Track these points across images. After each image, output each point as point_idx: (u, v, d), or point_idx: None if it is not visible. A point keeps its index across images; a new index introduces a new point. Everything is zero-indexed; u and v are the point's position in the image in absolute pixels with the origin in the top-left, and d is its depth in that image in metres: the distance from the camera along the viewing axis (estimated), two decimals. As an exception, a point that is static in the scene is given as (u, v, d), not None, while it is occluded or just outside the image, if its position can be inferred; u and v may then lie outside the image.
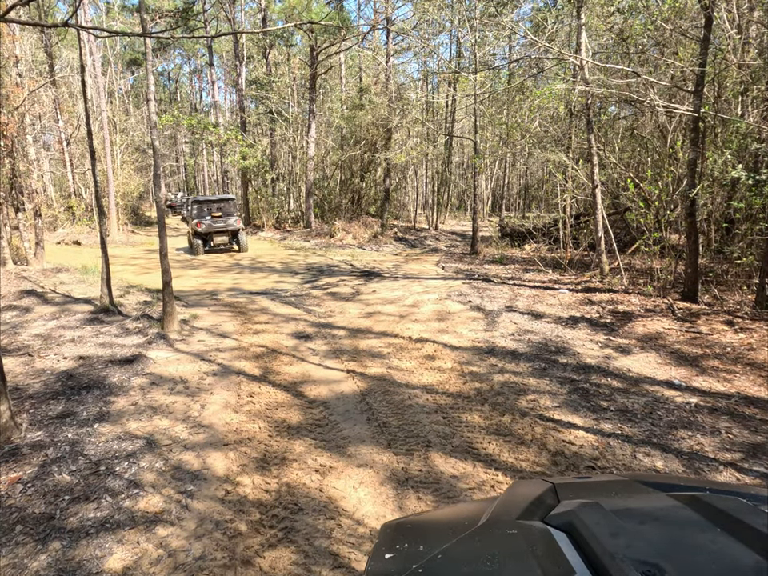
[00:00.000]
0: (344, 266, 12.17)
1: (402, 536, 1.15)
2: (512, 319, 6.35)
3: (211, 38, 23.41)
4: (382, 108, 17.64)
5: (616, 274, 8.31)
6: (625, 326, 5.97)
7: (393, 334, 6.04)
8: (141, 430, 3.54)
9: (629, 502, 1.10)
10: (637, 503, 1.10)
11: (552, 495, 1.17)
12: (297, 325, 6.63)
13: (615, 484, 1.30)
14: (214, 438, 3.48)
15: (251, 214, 22.09)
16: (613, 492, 1.20)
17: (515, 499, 1.23)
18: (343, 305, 7.75)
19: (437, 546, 1.03)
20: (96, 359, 4.98)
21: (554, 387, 4.23)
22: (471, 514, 1.22)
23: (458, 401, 4.04)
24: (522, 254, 13.04)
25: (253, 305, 7.89)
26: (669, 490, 1.15)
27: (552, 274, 9.51)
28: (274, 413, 3.89)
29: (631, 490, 1.20)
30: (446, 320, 6.52)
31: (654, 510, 1.04)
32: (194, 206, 14.41)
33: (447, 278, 9.69)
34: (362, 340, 5.83)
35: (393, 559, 1.04)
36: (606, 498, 1.16)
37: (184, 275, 11.01)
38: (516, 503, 1.18)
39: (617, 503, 1.09)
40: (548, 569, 0.86)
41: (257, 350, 5.50)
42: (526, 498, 1.20)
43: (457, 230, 22.33)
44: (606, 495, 1.19)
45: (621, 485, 1.27)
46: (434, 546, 1.05)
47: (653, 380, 4.34)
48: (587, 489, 1.29)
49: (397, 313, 7.05)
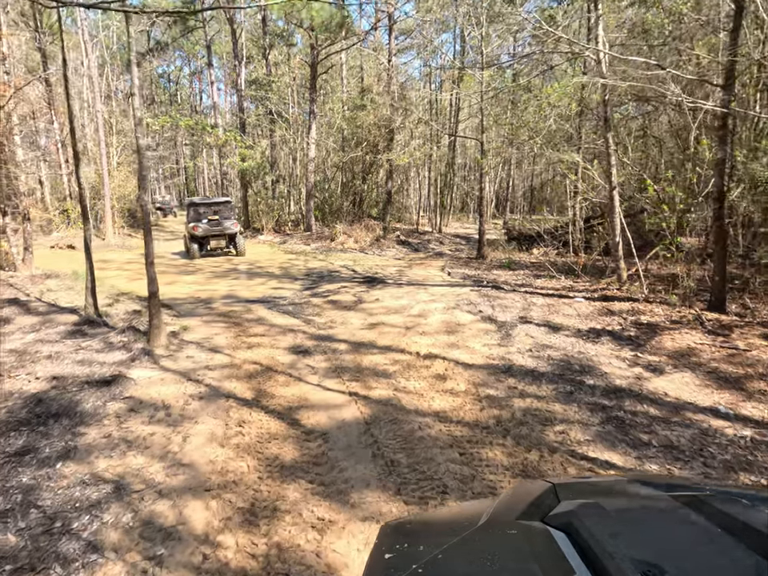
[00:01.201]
0: (345, 271, 11.69)
1: (401, 536, 1.13)
2: (528, 332, 5.85)
3: (204, 23, 23.01)
4: (384, 108, 17.18)
5: (634, 281, 7.81)
6: (652, 339, 5.47)
7: (399, 348, 5.55)
8: (110, 471, 3.05)
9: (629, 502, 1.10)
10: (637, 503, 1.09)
11: (552, 495, 1.15)
12: (295, 337, 6.15)
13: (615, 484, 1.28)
14: (195, 480, 2.99)
15: (251, 216, 21.63)
16: (613, 492, 1.19)
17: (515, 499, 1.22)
18: (345, 314, 7.26)
19: (437, 546, 1.02)
20: (71, 380, 4.49)
21: (585, 415, 3.73)
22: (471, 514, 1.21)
23: (475, 432, 3.54)
24: (530, 258, 12.55)
25: (248, 314, 7.41)
26: (669, 490, 1.13)
27: (565, 281, 9.01)
28: (266, 447, 3.40)
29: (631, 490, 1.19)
30: (455, 332, 6.03)
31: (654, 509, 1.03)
32: (190, 208, 13.96)
33: (454, 285, 9.19)
34: (365, 356, 5.34)
35: (393, 559, 1.02)
36: (606, 498, 1.14)
37: (178, 281, 10.54)
38: (516, 503, 1.18)
39: (617, 503, 1.08)
40: (548, 569, 0.85)
41: (250, 367, 5.01)
42: (525, 498, 1.19)
43: (460, 233, 21.85)
44: (606, 495, 1.17)
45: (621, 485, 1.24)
46: (433, 546, 1.03)
47: (695, 406, 3.84)
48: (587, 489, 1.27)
49: (402, 324, 6.56)
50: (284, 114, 20.81)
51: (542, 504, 1.12)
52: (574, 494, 1.15)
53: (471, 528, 1.08)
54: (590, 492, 1.21)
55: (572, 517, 0.98)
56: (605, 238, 9.13)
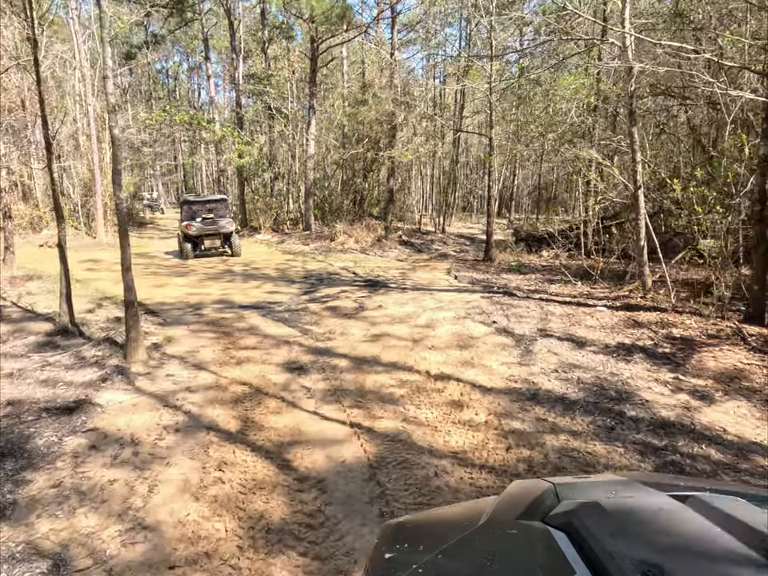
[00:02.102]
0: (345, 273, 11.07)
1: (402, 536, 1.13)
2: (550, 347, 5.24)
3: (201, 15, 22.30)
4: (386, 103, 16.53)
5: (659, 288, 7.20)
6: (691, 358, 4.86)
7: (406, 366, 4.93)
8: (52, 538, 2.43)
9: (629, 501, 1.08)
10: (637, 503, 1.07)
11: (552, 495, 1.13)
12: (290, 351, 5.54)
13: (615, 484, 1.25)
14: (158, 551, 2.38)
15: (248, 215, 21.00)
16: (613, 492, 1.15)
17: (515, 499, 1.22)
18: (345, 323, 6.65)
19: (437, 546, 1.01)
20: (29, 405, 3.88)
21: (633, 459, 3.11)
22: (471, 514, 1.20)
23: (504, 481, 2.93)
24: (539, 260, 11.94)
25: (240, 322, 6.80)
26: (669, 490, 1.12)
27: (581, 287, 8.40)
28: (250, 500, 2.79)
29: (631, 490, 1.16)
30: (469, 347, 5.41)
31: (654, 509, 1.02)
32: (183, 206, 13.37)
33: (462, 291, 8.57)
34: (368, 374, 4.72)
35: (393, 559, 1.01)
36: (606, 497, 1.10)
37: (169, 284, 9.92)
38: (516, 503, 1.17)
39: (617, 503, 1.06)
40: (548, 569, 0.86)
41: (237, 389, 4.40)
42: (525, 497, 1.18)
43: (464, 233, 21.22)
44: (606, 495, 1.13)
45: (621, 485, 1.22)
46: (434, 546, 1.03)
47: (763, 448, 3.22)
48: (587, 489, 1.24)
49: (409, 336, 5.95)
50: (283, 109, 20.15)
51: (542, 504, 1.10)
52: (574, 493, 1.13)
53: (471, 528, 1.07)
54: (590, 492, 1.19)
55: (572, 517, 0.98)
56: (623, 240, 8.52)
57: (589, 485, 1.32)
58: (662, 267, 6.88)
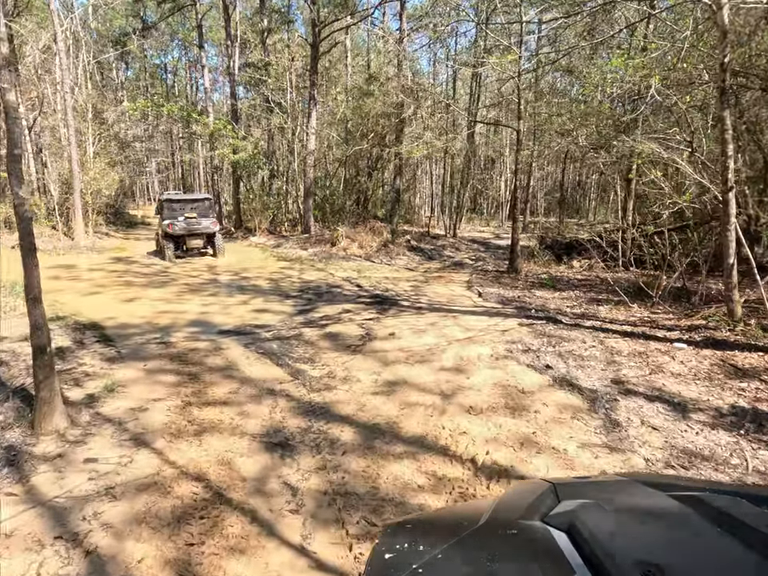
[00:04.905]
0: (348, 286, 9.54)
1: (402, 536, 1.09)
2: (642, 415, 3.68)
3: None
4: (393, 95, 14.99)
5: (750, 318, 5.65)
6: None
7: (438, 445, 3.39)
8: None
9: (629, 501, 1.07)
10: (637, 503, 1.06)
11: (552, 495, 1.11)
12: (273, 408, 4.01)
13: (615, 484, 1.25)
14: None
15: (243, 215, 19.47)
16: (613, 492, 1.15)
17: (515, 499, 1.20)
18: (348, 361, 5.13)
19: (437, 546, 0.99)
20: None
21: None
22: (471, 514, 1.17)
23: None
24: (572, 272, 10.39)
25: (215, 357, 5.28)
26: (669, 490, 1.09)
27: (638, 309, 6.85)
28: None
29: (631, 490, 1.15)
30: (523, 410, 3.87)
31: (654, 510, 1.00)
32: (164, 204, 12.09)
33: (493, 314, 7.01)
34: (383, 460, 3.19)
35: (393, 559, 0.98)
36: (606, 497, 1.08)
37: (141, 297, 8.41)
38: (516, 503, 1.16)
39: (617, 503, 1.06)
40: (548, 569, 0.84)
41: (186, 491, 2.87)
42: (525, 498, 1.16)
43: (476, 238, 19.65)
44: (606, 495, 1.12)
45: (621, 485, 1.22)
46: (434, 546, 1.00)
47: None
48: (587, 489, 1.22)
49: (435, 386, 4.41)
50: (282, 102, 18.61)
51: (542, 504, 1.09)
52: (574, 493, 1.12)
53: (471, 528, 1.05)
54: (590, 492, 1.15)
55: (572, 517, 0.96)
56: (690, 252, 6.97)
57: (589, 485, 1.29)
58: (760, 290, 5.33)
